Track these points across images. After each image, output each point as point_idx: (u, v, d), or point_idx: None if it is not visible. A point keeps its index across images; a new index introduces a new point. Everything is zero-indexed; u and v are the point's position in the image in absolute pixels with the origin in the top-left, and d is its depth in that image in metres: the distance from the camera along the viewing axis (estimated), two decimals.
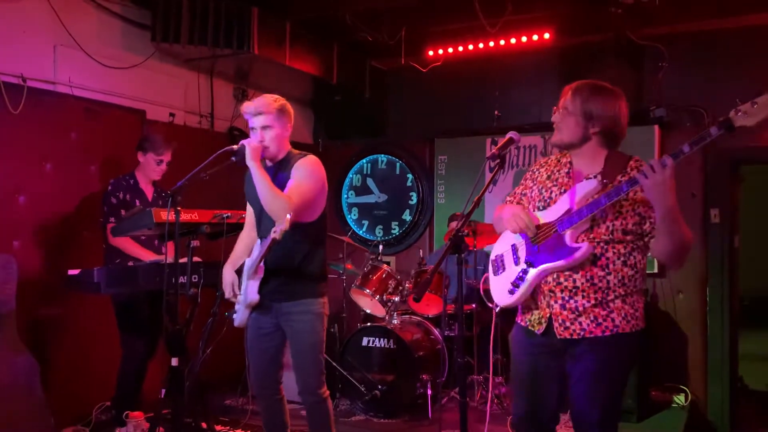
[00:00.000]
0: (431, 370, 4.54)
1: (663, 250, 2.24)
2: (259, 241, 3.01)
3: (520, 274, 2.40)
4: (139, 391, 3.96)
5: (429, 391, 4.41)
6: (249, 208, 3.20)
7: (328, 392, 3.07)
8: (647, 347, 4.71)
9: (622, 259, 2.29)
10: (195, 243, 3.43)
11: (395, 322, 4.64)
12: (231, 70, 5.45)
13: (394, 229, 6.25)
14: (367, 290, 4.67)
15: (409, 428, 4.28)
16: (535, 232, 2.36)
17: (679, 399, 4.92)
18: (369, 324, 4.64)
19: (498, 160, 2.37)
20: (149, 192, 4.07)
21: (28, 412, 3.63)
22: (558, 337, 2.34)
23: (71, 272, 3.46)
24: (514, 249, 2.49)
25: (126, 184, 3.97)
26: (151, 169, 3.99)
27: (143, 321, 3.90)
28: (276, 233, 2.63)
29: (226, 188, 5.22)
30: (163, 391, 3.54)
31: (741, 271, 5.29)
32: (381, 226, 6.30)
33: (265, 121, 2.92)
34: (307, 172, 2.91)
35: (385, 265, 4.83)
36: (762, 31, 4.87)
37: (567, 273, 2.31)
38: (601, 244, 2.29)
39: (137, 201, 3.95)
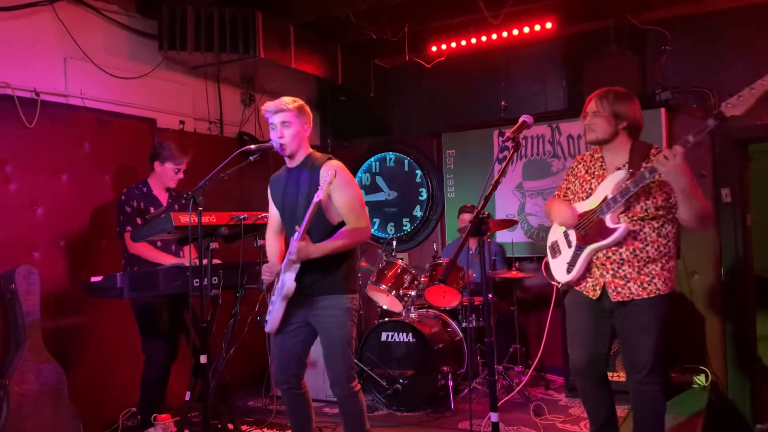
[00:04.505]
0: (451, 362, 4.57)
1: (686, 218, 2.72)
2: (295, 235, 2.98)
3: (575, 255, 2.92)
4: (164, 395, 3.99)
5: (450, 383, 4.43)
6: (272, 214, 3.24)
7: (359, 386, 3.10)
8: (665, 329, 4.72)
9: (656, 232, 2.81)
10: (214, 245, 3.49)
11: (413, 316, 4.67)
12: (237, 75, 5.50)
13: (406, 225, 6.28)
14: (383, 286, 4.71)
15: (432, 420, 4.30)
16: (575, 225, 2.89)
17: (700, 380, 4.93)
18: (387, 319, 4.67)
19: (513, 144, 2.50)
20: (163, 198, 4.11)
21: (58, 420, 3.69)
22: (612, 300, 2.86)
23: (94, 279, 3.52)
24: (566, 235, 3.01)
25: (139, 192, 4.01)
26: (168, 177, 4.03)
27: (164, 325, 3.94)
28: (320, 195, 2.77)
29: (239, 192, 5.30)
30: (188, 394, 3.60)
31: (755, 251, 5.29)
32: (392, 223, 6.33)
33: (285, 117, 3.00)
34: (346, 183, 3.00)
35: (400, 261, 4.86)
36: (764, 10, 4.87)
37: (614, 248, 2.83)
38: (638, 222, 2.80)
39: (151, 208, 3.98)
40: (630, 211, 2.79)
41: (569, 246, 2.97)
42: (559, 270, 3.02)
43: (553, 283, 3.08)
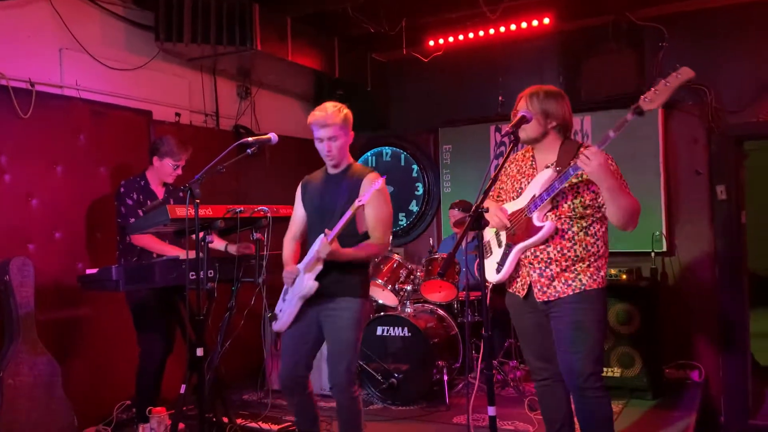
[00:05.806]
0: (446, 356, 4.58)
1: (614, 216, 2.69)
2: (321, 236, 2.96)
3: (504, 255, 2.89)
4: (159, 388, 3.98)
5: (445, 378, 4.44)
6: (297, 215, 3.26)
7: (359, 391, 3.10)
8: (659, 325, 4.74)
9: (584, 231, 2.76)
10: (210, 238, 3.47)
11: (408, 310, 4.68)
12: (233, 68, 5.47)
13: (402, 220, 6.28)
14: (379, 280, 4.70)
15: (427, 414, 4.31)
16: (507, 226, 2.84)
17: (693, 376, 4.96)
18: (383, 314, 4.67)
19: (512, 138, 2.51)
20: (160, 192, 4.08)
21: (52, 413, 3.68)
22: (537, 300, 2.82)
23: (89, 271, 3.50)
24: (497, 235, 2.99)
25: (137, 185, 4.00)
26: (166, 173, 4.01)
27: (159, 318, 3.92)
28: (364, 200, 2.83)
29: (235, 185, 5.29)
30: (183, 387, 3.59)
31: (749, 248, 5.31)
32: None
33: (332, 132, 3.01)
34: (384, 201, 3.07)
35: (396, 255, 4.86)
36: (761, 7, 4.89)
37: (541, 247, 2.79)
38: (567, 220, 2.76)
39: (149, 201, 3.97)
40: (558, 209, 2.76)
41: (499, 246, 2.94)
42: (490, 270, 2.98)
43: (485, 283, 3.01)
